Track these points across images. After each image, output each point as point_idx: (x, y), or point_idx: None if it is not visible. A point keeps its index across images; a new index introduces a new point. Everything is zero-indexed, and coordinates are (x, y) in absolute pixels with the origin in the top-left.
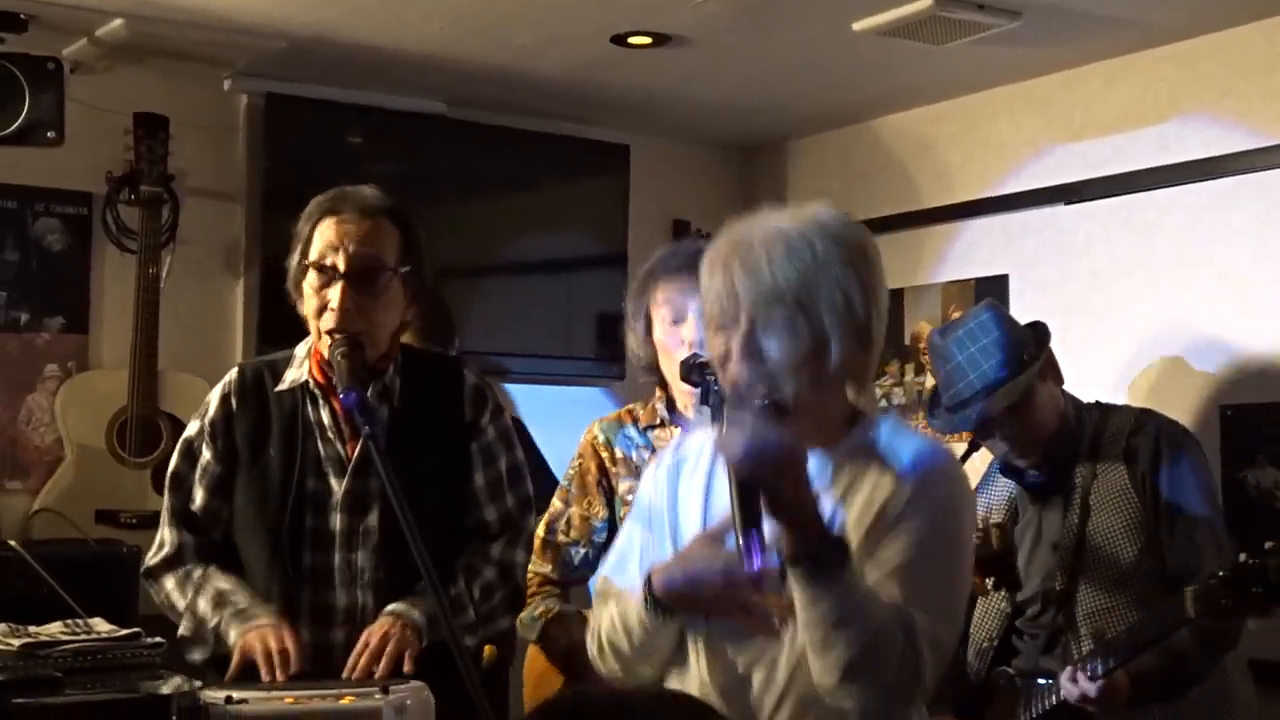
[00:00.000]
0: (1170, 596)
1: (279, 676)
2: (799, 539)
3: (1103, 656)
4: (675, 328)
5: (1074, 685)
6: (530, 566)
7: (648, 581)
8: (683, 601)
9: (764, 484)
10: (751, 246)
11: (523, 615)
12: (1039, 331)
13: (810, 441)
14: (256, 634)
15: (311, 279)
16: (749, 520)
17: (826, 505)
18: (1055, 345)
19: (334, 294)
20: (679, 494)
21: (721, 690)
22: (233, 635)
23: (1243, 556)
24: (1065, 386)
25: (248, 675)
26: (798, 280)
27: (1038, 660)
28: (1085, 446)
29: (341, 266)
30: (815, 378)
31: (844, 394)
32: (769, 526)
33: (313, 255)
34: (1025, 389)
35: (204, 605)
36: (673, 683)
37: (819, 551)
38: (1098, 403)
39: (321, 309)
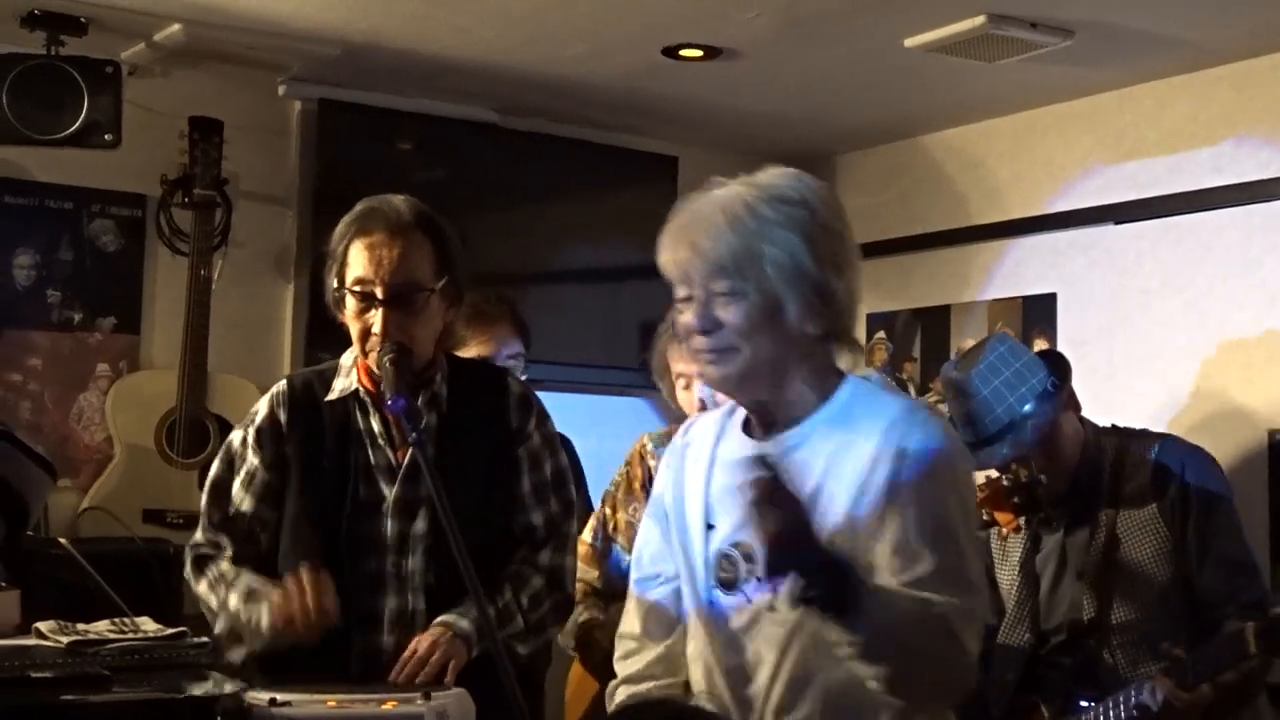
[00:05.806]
0: (1220, 627)
1: (313, 612)
2: (812, 587)
3: (1186, 671)
4: (686, 393)
5: (1155, 695)
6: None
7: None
8: None
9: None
10: (696, 221)
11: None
12: (1059, 361)
13: (790, 409)
14: (276, 598)
15: (351, 303)
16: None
17: (812, 473)
18: (1102, 366)
19: (375, 318)
20: (685, 473)
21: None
22: (264, 619)
23: None
24: (1112, 409)
25: (289, 664)
26: (739, 246)
27: (1069, 689)
28: (1108, 474)
29: (380, 294)
30: (775, 338)
31: (822, 355)
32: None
33: (349, 279)
34: (1053, 419)
35: (235, 601)
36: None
37: (833, 597)
38: (1114, 426)
39: (364, 332)
